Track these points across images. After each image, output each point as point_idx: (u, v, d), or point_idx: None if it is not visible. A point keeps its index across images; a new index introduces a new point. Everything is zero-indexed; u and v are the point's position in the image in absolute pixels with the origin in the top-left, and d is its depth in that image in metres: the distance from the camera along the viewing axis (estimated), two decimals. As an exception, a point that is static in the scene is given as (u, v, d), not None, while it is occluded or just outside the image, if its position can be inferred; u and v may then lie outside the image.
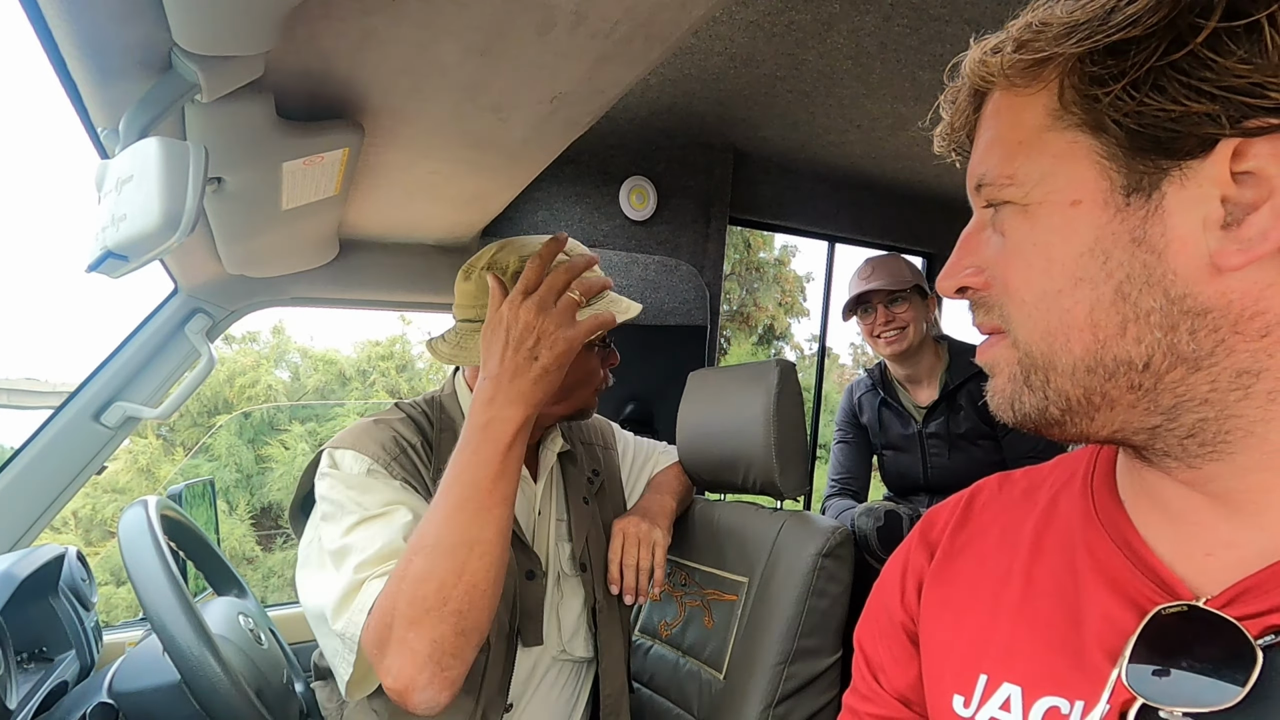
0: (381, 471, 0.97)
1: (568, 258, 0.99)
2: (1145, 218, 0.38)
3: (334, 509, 0.94)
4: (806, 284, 13.42)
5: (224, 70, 0.64)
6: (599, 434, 1.31)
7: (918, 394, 1.88)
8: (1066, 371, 0.41)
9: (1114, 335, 0.39)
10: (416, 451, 1.02)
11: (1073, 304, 0.40)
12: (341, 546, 0.91)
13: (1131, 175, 0.38)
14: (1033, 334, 0.42)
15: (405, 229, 1.51)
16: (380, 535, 0.90)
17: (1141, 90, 0.36)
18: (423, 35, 0.73)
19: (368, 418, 1.07)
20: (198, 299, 1.44)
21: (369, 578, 0.86)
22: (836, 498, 1.97)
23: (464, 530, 0.82)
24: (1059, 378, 0.42)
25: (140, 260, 0.62)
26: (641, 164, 2.05)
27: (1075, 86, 0.39)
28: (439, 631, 0.80)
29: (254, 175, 0.91)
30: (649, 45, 0.79)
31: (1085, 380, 0.41)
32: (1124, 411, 0.41)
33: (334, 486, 0.96)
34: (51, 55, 0.62)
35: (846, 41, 1.52)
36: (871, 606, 0.62)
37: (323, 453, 1.01)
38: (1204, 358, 0.38)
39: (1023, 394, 0.44)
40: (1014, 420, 0.45)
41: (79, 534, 6.52)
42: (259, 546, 7.15)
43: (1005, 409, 0.46)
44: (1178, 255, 0.37)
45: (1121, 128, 0.38)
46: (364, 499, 0.94)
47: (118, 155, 0.62)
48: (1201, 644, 0.38)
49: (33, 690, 1.00)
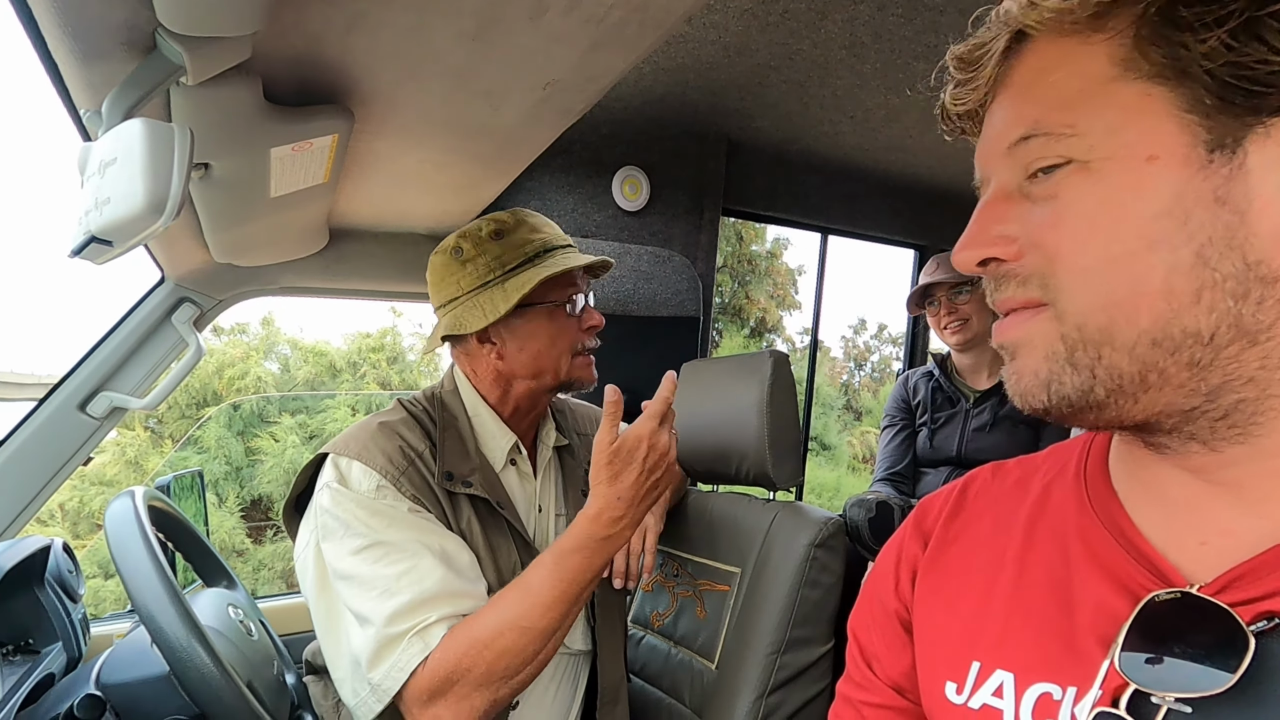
0: (390, 489, 0.96)
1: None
2: (1229, 176, 0.36)
3: (340, 527, 0.93)
4: (799, 277, 13.46)
5: (210, 52, 0.63)
6: (595, 424, 1.31)
7: (976, 382, 1.95)
8: (1126, 346, 0.38)
9: (1188, 304, 0.36)
10: (423, 460, 1.01)
11: (1147, 269, 0.37)
12: (354, 574, 0.91)
13: (1215, 130, 0.36)
14: (1091, 304, 0.38)
15: (396, 218, 1.50)
16: (409, 581, 0.90)
17: (1240, 38, 0.34)
18: (413, 19, 0.71)
19: (372, 419, 1.05)
20: (185, 288, 1.43)
21: (409, 633, 0.88)
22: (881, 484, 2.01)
23: (559, 620, 0.90)
24: (1115, 353, 0.38)
25: (125, 245, 0.61)
26: (634, 154, 2.04)
27: (1156, 33, 0.36)
28: (501, 694, 0.89)
29: (241, 161, 0.90)
30: (643, 31, 0.78)
31: (1146, 355, 0.38)
32: (1171, 392, 0.38)
33: (340, 503, 0.94)
34: (32, 34, 0.61)
35: (840, 31, 1.51)
36: (865, 595, 0.62)
37: (325, 458, 0.99)
38: (1263, 331, 0.36)
39: (1064, 374, 0.40)
40: (1046, 404, 0.41)
41: (66, 527, 6.47)
42: (249, 539, 7.12)
43: (1037, 392, 0.41)
44: (1260, 217, 0.35)
45: (1213, 78, 0.35)
46: (374, 521, 0.93)
47: (101, 137, 0.61)
48: (1194, 630, 0.38)
49: (19, 682, 0.99)
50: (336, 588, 0.93)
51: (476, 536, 1.01)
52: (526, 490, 1.12)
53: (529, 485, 1.13)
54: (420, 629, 0.89)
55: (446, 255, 1.07)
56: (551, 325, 1.07)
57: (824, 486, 10.76)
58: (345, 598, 0.92)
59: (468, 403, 1.10)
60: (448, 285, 1.06)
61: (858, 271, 25.82)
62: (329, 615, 0.95)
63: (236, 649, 0.99)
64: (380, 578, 0.90)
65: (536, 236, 1.06)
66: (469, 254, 1.05)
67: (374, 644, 0.89)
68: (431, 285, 1.09)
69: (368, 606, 0.90)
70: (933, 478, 1.97)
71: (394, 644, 0.89)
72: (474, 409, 1.09)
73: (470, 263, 1.05)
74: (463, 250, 1.05)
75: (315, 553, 0.95)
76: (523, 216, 1.08)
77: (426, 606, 0.90)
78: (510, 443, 1.09)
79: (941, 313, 1.90)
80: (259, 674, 1.00)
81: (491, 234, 1.05)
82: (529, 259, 1.04)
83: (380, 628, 0.89)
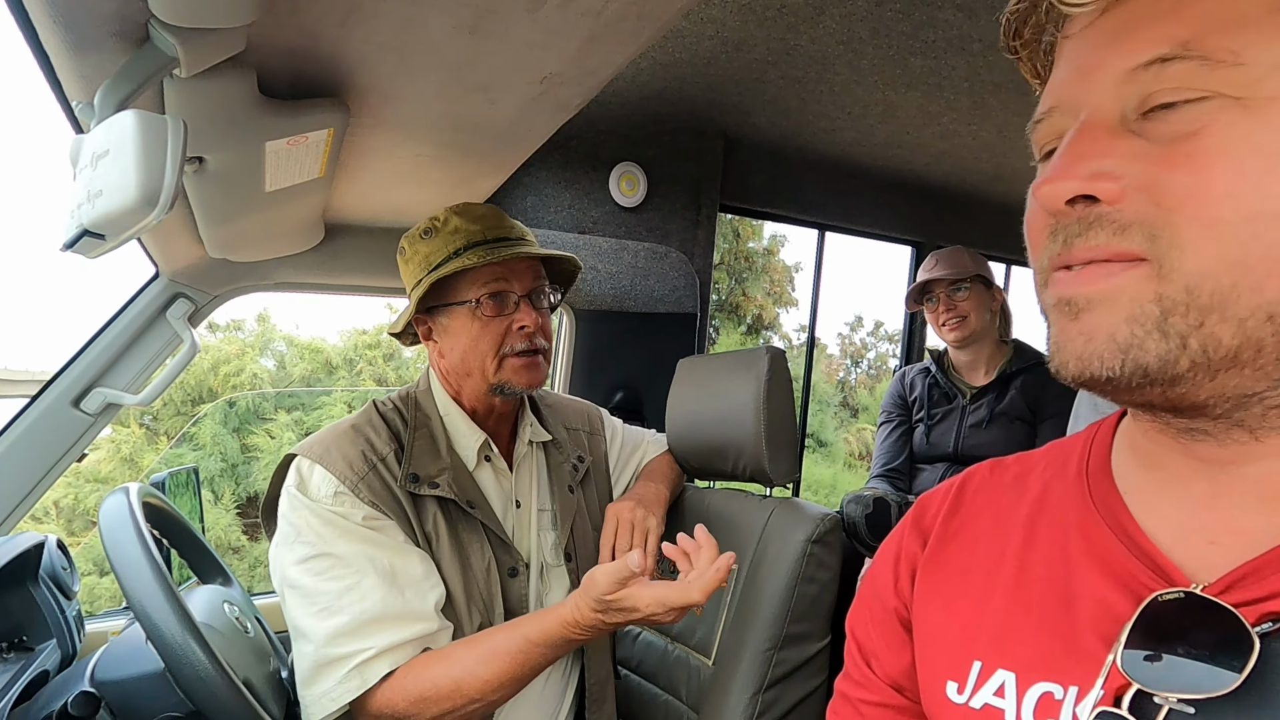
0: (348, 495, 0.96)
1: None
2: None
3: (292, 533, 0.95)
4: (795, 274, 13.47)
5: (203, 43, 0.62)
6: (585, 419, 1.30)
7: (973, 378, 1.95)
8: (1238, 316, 0.33)
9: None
10: (386, 464, 1.01)
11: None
12: (298, 583, 0.93)
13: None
14: (1214, 265, 0.33)
15: (392, 213, 1.49)
16: (350, 600, 0.91)
17: None
18: (409, 11, 0.71)
19: (346, 420, 1.06)
20: (179, 283, 1.42)
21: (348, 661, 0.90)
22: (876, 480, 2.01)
23: (505, 696, 0.94)
24: (1221, 324, 0.34)
25: (118, 239, 0.60)
26: (631, 150, 2.03)
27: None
28: None
29: (236, 155, 0.89)
30: (641, 25, 0.78)
31: (1256, 330, 0.33)
32: (1252, 373, 0.35)
33: (295, 509, 0.96)
34: (23, 25, 0.60)
35: (838, 26, 1.51)
36: (864, 593, 0.62)
37: (292, 460, 1.00)
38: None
39: (1150, 339, 0.35)
40: (1115, 373, 0.36)
41: (61, 524, 6.45)
42: (245, 536, 7.11)
43: (1109, 358, 0.36)
44: None
45: None
46: (325, 531, 0.94)
47: (93, 129, 0.60)
48: (1198, 630, 0.38)
49: (13, 679, 0.98)
50: (283, 594, 0.95)
51: (443, 539, 1.01)
52: (503, 486, 1.12)
53: (505, 481, 1.12)
54: (361, 662, 0.90)
55: (402, 256, 1.09)
56: (472, 324, 1.04)
57: (820, 483, 10.79)
58: (287, 607, 0.94)
59: (439, 401, 1.10)
60: (406, 282, 1.09)
61: (855, 268, 25.85)
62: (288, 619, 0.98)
63: (232, 646, 0.98)
64: (322, 593, 0.92)
65: (466, 228, 1.03)
66: (408, 253, 1.07)
67: (310, 662, 0.91)
68: (407, 280, 1.11)
69: (307, 622, 0.92)
70: (929, 474, 1.97)
71: (331, 669, 0.90)
72: (445, 408, 1.10)
73: (409, 262, 1.07)
74: (404, 250, 1.08)
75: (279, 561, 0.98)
76: (463, 210, 1.06)
77: (366, 631, 0.91)
78: (480, 440, 1.09)
79: (940, 309, 1.90)
80: (255, 671, 1.00)
81: (422, 232, 1.06)
82: (452, 255, 1.03)
83: (319, 646, 0.90)
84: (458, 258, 1.01)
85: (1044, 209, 0.38)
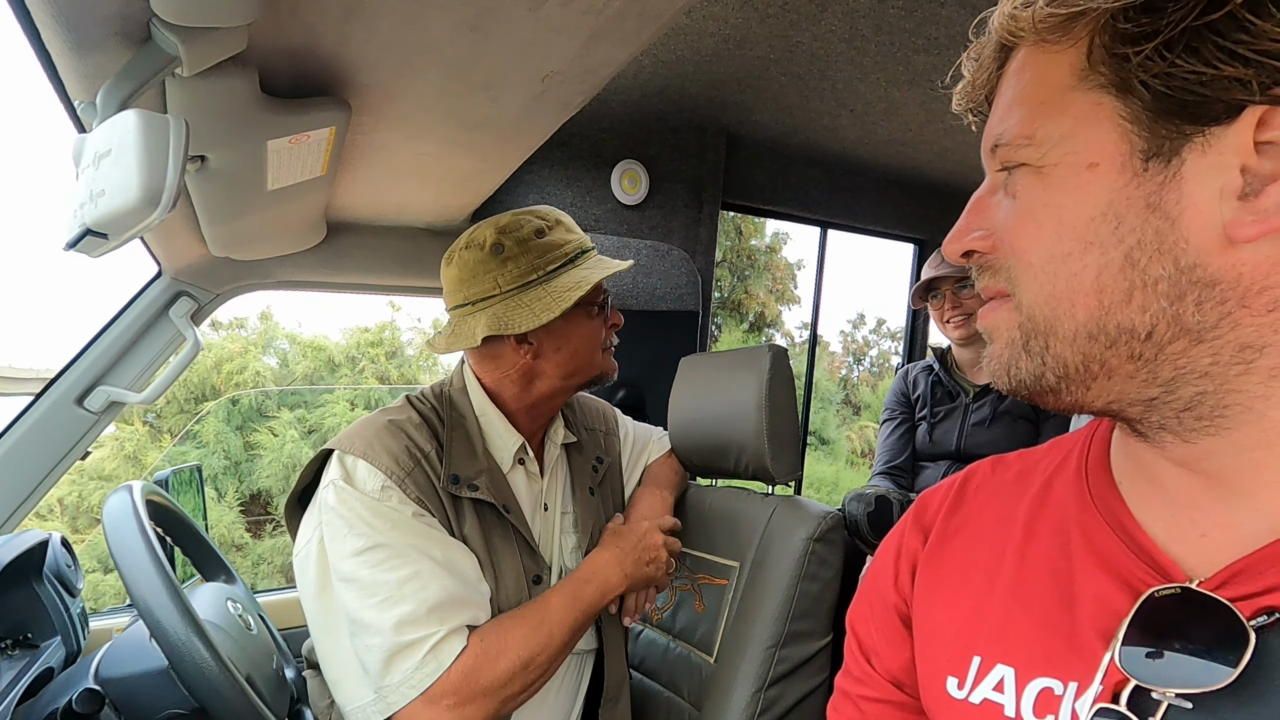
0: (396, 490, 0.94)
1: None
2: (1162, 184, 0.37)
3: (344, 526, 0.92)
4: (797, 271, 13.45)
5: (205, 42, 0.62)
6: (602, 418, 1.30)
7: (977, 376, 1.95)
8: (1067, 337, 0.41)
9: (1119, 302, 0.39)
10: (430, 462, 0.99)
11: (1080, 268, 0.40)
12: (355, 577, 0.90)
13: (1153, 140, 0.37)
14: (1037, 298, 0.42)
15: (394, 211, 1.49)
16: (412, 589, 0.90)
17: (1174, 51, 0.35)
18: (411, 9, 0.71)
19: (379, 415, 1.04)
20: (182, 282, 1.42)
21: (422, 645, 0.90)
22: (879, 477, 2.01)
23: (565, 645, 1.00)
24: (1059, 344, 0.41)
25: (120, 238, 0.61)
26: (633, 147, 2.03)
27: (1105, 44, 0.38)
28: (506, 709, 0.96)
29: (238, 154, 0.89)
30: (642, 23, 0.78)
31: (1085, 347, 0.40)
32: (1121, 382, 0.41)
33: (344, 501, 0.93)
34: (25, 25, 0.60)
35: (840, 23, 1.51)
36: (864, 589, 0.62)
37: (331, 454, 0.98)
38: (1208, 330, 0.37)
39: (1020, 359, 0.44)
40: (1009, 387, 0.45)
41: (65, 521, 6.48)
42: (248, 533, 7.13)
43: (1001, 375, 0.45)
44: (1191, 224, 0.37)
45: (1149, 90, 0.37)
46: (377, 523, 0.92)
47: (95, 129, 0.60)
48: (1195, 626, 0.38)
49: (17, 676, 0.99)
50: (337, 590, 0.92)
51: (478, 541, 1.00)
52: (533, 490, 1.11)
53: (535, 485, 1.12)
54: (434, 645, 0.89)
55: (483, 251, 1.03)
56: (589, 326, 1.08)
57: (822, 481, 10.79)
58: (345, 601, 0.91)
59: (475, 403, 1.08)
60: (482, 282, 1.03)
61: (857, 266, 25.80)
62: (327, 615, 0.94)
63: (235, 644, 0.99)
64: (382, 584, 0.89)
65: (573, 237, 1.07)
66: (511, 251, 1.02)
67: (381, 654, 0.88)
68: (458, 281, 1.05)
69: (369, 614, 0.89)
70: (931, 472, 1.97)
71: (407, 654, 0.88)
72: (481, 409, 1.08)
73: (512, 260, 1.02)
74: (504, 247, 1.02)
75: (318, 550, 0.94)
76: (558, 216, 1.09)
77: (434, 616, 0.89)
78: (517, 444, 1.08)
79: (945, 306, 1.90)
80: (258, 668, 1.00)
81: (535, 232, 1.04)
82: (569, 259, 1.04)
83: (389, 635, 0.88)
84: (582, 262, 1.07)
85: (952, 262, 0.49)
